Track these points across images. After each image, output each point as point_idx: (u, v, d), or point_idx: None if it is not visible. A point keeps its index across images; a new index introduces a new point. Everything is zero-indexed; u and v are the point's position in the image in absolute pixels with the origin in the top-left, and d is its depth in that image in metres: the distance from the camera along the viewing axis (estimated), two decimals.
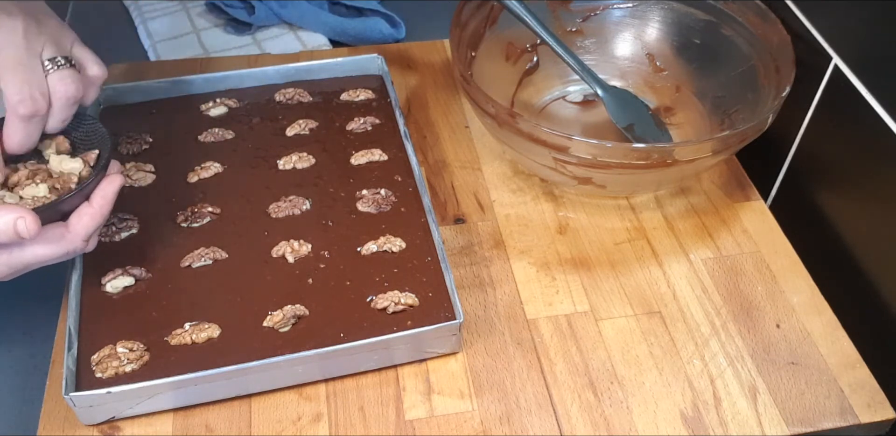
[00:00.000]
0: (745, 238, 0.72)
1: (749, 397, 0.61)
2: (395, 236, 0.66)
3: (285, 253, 0.65)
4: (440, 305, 0.61)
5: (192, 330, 0.60)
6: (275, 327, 0.60)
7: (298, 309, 0.61)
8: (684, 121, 0.81)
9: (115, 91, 0.77)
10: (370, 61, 0.81)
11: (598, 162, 0.65)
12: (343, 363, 0.60)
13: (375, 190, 0.70)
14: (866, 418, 0.60)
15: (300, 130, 0.75)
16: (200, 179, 0.71)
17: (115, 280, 0.63)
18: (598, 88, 0.78)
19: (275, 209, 0.68)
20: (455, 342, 0.62)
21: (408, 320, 0.60)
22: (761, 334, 0.65)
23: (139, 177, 0.71)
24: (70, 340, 0.59)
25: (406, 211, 0.68)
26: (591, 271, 0.69)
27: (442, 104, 0.82)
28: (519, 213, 0.74)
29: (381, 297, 0.61)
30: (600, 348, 0.64)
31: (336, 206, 0.69)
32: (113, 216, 0.66)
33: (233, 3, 0.94)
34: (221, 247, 0.65)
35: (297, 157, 0.73)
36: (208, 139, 0.75)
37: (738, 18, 0.77)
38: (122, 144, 0.73)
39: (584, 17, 0.84)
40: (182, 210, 0.68)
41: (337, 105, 0.78)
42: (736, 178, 0.78)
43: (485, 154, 0.79)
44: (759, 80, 0.74)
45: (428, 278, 0.63)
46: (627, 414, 0.60)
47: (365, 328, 0.60)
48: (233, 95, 0.79)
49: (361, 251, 0.65)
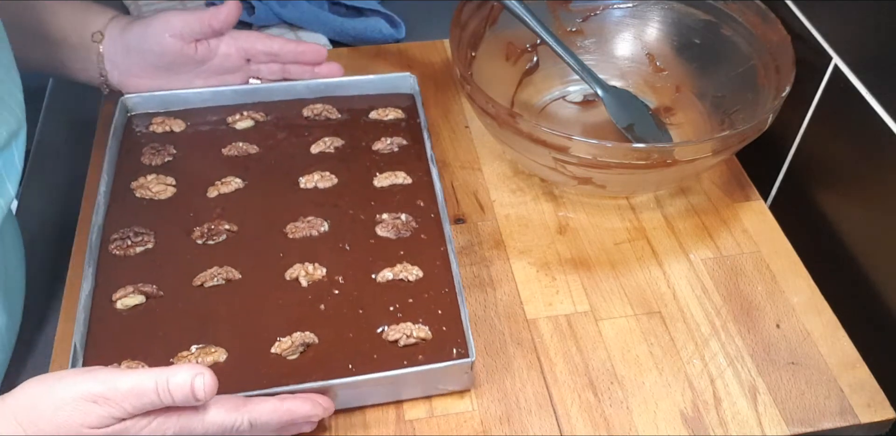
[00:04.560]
0: (745, 238, 0.72)
1: (749, 397, 0.61)
2: (412, 264, 0.64)
3: (299, 276, 0.63)
4: (453, 341, 0.59)
5: (198, 353, 0.58)
6: (282, 355, 0.58)
7: (308, 336, 0.59)
8: (684, 121, 0.81)
9: (142, 99, 0.76)
10: (402, 80, 0.79)
11: (598, 162, 0.65)
12: (348, 396, 0.58)
13: (396, 214, 0.68)
14: (866, 418, 0.60)
15: (325, 147, 0.74)
16: (220, 194, 0.69)
17: (126, 298, 0.61)
18: (598, 88, 0.78)
19: (292, 229, 0.67)
20: (467, 380, 0.60)
21: (419, 355, 0.58)
22: (761, 334, 0.65)
23: (159, 190, 0.69)
24: (75, 357, 0.57)
25: (426, 238, 0.66)
26: (591, 271, 0.69)
27: (442, 104, 0.82)
28: (519, 213, 0.74)
29: (394, 328, 0.60)
30: (600, 348, 0.64)
31: (355, 229, 0.67)
32: (129, 230, 0.65)
33: None
34: (235, 266, 0.64)
35: (320, 176, 0.71)
36: (232, 153, 0.73)
37: (738, 18, 0.77)
38: (145, 154, 0.72)
39: (584, 17, 0.84)
40: (199, 226, 0.67)
41: (365, 123, 0.76)
42: (736, 178, 0.78)
43: (485, 154, 0.79)
44: (759, 80, 0.74)
45: (443, 311, 0.61)
46: (627, 414, 0.60)
47: (374, 360, 0.58)
48: (260, 109, 0.77)
49: (377, 278, 0.63)
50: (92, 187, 0.73)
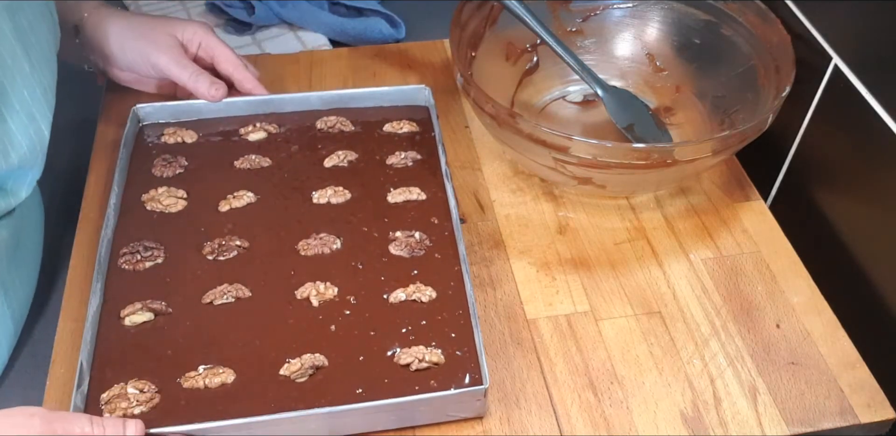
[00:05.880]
0: (745, 238, 0.72)
1: (749, 397, 0.61)
2: (425, 285, 0.63)
3: (310, 295, 0.62)
4: (467, 366, 0.58)
5: (205, 374, 0.57)
6: (291, 377, 0.57)
7: (317, 359, 0.58)
8: (684, 121, 0.81)
9: (154, 109, 0.75)
10: (417, 92, 0.78)
11: (598, 162, 0.65)
12: (357, 421, 0.57)
13: (410, 232, 0.67)
14: (866, 418, 0.60)
15: (339, 161, 0.73)
16: (232, 209, 0.69)
17: (134, 315, 0.61)
18: (598, 88, 0.78)
19: (304, 246, 0.66)
20: (479, 407, 0.58)
21: (431, 380, 0.57)
22: (761, 334, 0.65)
23: (170, 203, 0.68)
24: (81, 376, 0.56)
25: (440, 257, 0.65)
26: (591, 271, 0.69)
27: (442, 104, 0.82)
28: (519, 213, 0.74)
29: (406, 351, 0.58)
30: (600, 348, 0.64)
31: (368, 247, 0.66)
32: (139, 244, 0.65)
33: (233, 3, 0.94)
34: (245, 284, 0.63)
35: (333, 191, 0.70)
36: (244, 166, 0.72)
37: (738, 18, 0.77)
38: (156, 166, 0.71)
39: (584, 17, 0.84)
40: (210, 241, 0.66)
41: (379, 136, 0.75)
42: (736, 178, 0.78)
43: (485, 154, 0.79)
44: (759, 80, 0.74)
45: (457, 334, 0.60)
46: (627, 414, 0.60)
47: (385, 385, 0.57)
48: (273, 120, 0.76)
49: (389, 299, 0.62)
50: (91, 197, 0.73)
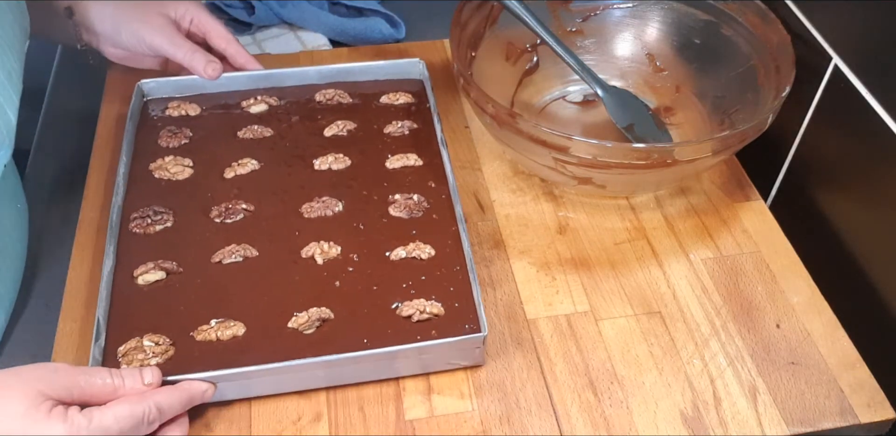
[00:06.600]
0: (745, 238, 0.72)
1: (749, 397, 0.61)
2: (424, 243, 0.65)
3: (315, 254, 0.65)
4: (465, 317, 0.60)
5: (217, 327, 0.60)
6: (299, 329, 0.60)
7: (324, 312, 0.61)
8: (684, 121, 0.81)
9: (157, 84, 0.78)
10: (412, 66, 0.81)
11: (598, 162, 0.65)
12: (362, 369, 0.60)
13: (408, 195, 0.69)
14: (866, 418, 0.60)
15: (338, 130, 0.75)
16: (237, 175, 0.71)
17: (147, 274, 0.63)
18: (598, 88, 0.78)
19: (307, 209, 0.68)
20: (478, 355, 0.61)
21: (432, 330, 0.60)
22: (761, 334, 0.65)
23: (177, 170, 0.71)
24: (98, 330, 0.59)
25: (438, 218, 0.68)
26: (591, 271, 0.69)
27: (442, 104, 0.82)
28: (519, 213, 0.74)
29: (407, 304, 0.61)
30: (600, 348, 0.64)
31: (368, 209, 0.69)
32: (149, 209, 0.67)
33: (233, 3, 0.94)
34: (252, 244, 0.66)
35: (334, 157, 0.73)
36: (247, 136, 0.75)
37: (738, 18, 0.77)
38: (162, 137, 0.74)
39: (584, 17, 0.84)
40: (216, 205, 0.68)
41: (376, 108, 0.78)
42: (736, 178, 0.78)
43: (485, 154, 0.79)
44: (759, 80, 0.74)
45: (455, 288, 0.62)
46: (627, 414, 0.60)
47: (389, 335, 0.59)
48: (274, 93, 0.79)
49: (390, 256, 0.65)
50: (97, 169, 0.75)
